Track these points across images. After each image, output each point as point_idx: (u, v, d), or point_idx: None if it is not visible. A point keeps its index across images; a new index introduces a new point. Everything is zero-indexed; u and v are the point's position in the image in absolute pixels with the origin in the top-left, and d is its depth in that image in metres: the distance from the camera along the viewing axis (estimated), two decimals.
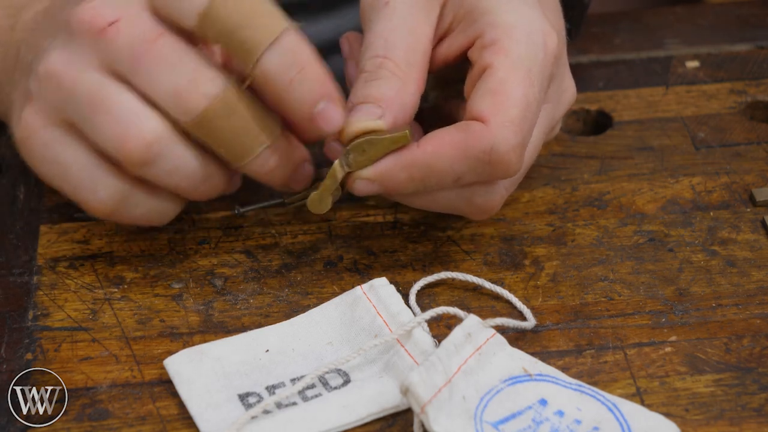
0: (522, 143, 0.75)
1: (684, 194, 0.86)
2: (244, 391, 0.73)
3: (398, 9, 0.79)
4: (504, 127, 0.74)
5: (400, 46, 0.77)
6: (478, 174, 0.75)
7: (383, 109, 0.76)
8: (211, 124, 0.73)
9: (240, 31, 0.73)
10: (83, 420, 0.72)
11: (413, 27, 0.78)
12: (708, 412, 0.71)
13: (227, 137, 0.74)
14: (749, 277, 0.79)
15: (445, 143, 0.75)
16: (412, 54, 0.78)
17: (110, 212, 0.76)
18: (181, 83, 0.72)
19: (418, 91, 0.77)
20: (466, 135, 0.74)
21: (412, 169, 0.75)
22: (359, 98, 0.77)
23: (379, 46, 0.78)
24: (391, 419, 0.72)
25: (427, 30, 0.79)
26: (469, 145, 0.74)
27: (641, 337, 0.76)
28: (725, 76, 0.95)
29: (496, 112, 0.74)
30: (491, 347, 0.72)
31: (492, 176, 0.75)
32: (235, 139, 0.74)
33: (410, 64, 0.77)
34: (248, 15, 0.73)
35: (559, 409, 0.71)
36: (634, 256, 0.81)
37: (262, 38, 0.73)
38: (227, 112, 0.73)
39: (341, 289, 0.79)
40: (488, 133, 0.74)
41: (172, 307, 0.78)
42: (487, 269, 0.81)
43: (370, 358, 0.74)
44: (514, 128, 0.74)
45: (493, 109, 0.74)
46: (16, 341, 0.76)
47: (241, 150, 0.75)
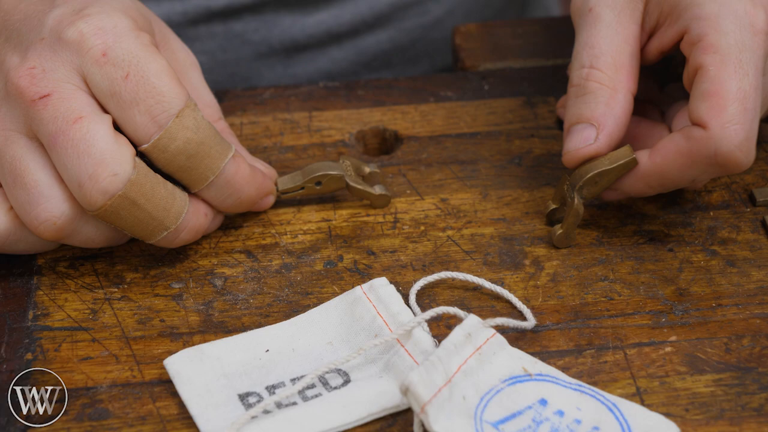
0: (747, 137, 0.76)
1: (684, 194, 0.86)
2: (244, 391, 0.73)
3: (602, 14, 0.80)
4: (724, 128, 0.75)
5: (606, 51, 0.79)
6: (710, 174, 0.78)
7: (596, 129, 0.78)
8: (111, 216, 0.75)
9: (180, 173, 0.77)
10: (83, 420, 0.72)
11: (618, 30, 0.80)
12: (708, 412, 0.71)
13: (129, 224, 0.76)
14: (749, 277, 0.79)
15: (671, 153, 0.77)
16: (619, 56, 0.79)
17: None
18: (83, 177, 0.74)
19: (629, 94, 0.79)
20: (690, 143, 0.76)
21: (648, 180, 0.78)
22: (572, 118, 0.80)
23: (584, 56, 0.80)
24: (391, 419, 0.72)
25: (634, 30, 0.80)
26: (693, 152, 0.76)
27: (641, 337, 0.76)
28: None
29: (714, 115, 0.75)
30: (491, 347, 0.72)
31: (725, 173, 0.77)
32: (137, 226, 0.76)
33: (618, 68, 0.79)
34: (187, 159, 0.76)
35: (559, 409, 0.71)
36: (634, 256, 0.81)
37: (199, 180, 0.77)
38: (128, 205, 0.75)
39: (341, 289, 0.79)
40: (710, 139, 0.75)
41: (172, 307, 0.78)
42: (487, 269, 0.81)
43: (370, 358, 0.74)
44: (735, 127, 0.75)
45: (710, 113, 0.76)
46: (16, 341, 0.76)
47: (146, 235, 0.77)
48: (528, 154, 0.88)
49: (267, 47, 1.06)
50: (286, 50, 1.06)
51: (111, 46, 0.75)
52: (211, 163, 0.77)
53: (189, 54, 0.84)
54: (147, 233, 0.77)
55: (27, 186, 0.75)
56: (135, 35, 0.76)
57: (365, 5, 1.06)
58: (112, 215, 0.75)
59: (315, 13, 1.05)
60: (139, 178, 0.74)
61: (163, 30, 0.82)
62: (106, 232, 0.78)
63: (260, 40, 1.05)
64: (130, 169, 0.74)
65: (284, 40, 1.06)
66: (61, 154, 0.74)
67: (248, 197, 0.80)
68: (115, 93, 0.75)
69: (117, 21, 0.76)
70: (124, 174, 0.74)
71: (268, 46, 1.06)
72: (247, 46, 1.06)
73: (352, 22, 1.06)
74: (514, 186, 0.86)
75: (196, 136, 0.76)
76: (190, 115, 0.75)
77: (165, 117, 0.75)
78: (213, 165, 0.77)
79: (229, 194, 0.79)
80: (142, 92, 0.75)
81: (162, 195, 0.76)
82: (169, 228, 0.77)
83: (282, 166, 0.87)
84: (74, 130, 0.74)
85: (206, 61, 1.04)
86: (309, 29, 1.06)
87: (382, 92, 0.94)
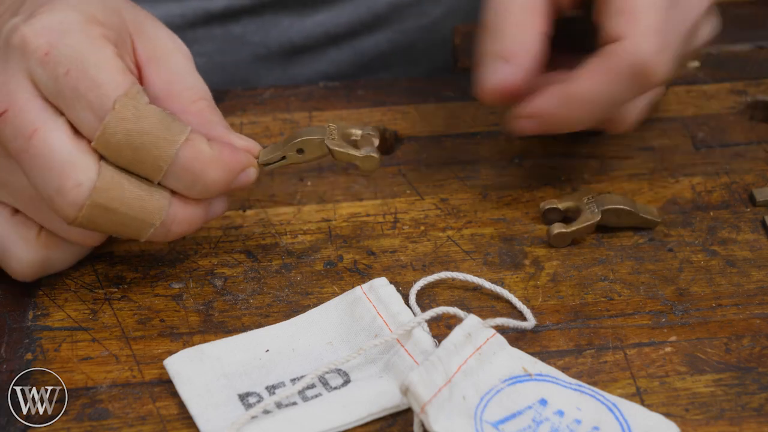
0: (664, 47, 0.76)
1: (684, 194, 0.86)
2: (244, 391, 0.73)
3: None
4: (642, 36, 0.76)
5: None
6: (632, 91, 0.77)
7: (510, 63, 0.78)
8: (90, 224, 0.73)
9: (132, 166, 0.73)
10: (83, 420, 0.72)
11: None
12: (708, 412, 0.71)
13: (112, 228, 0.74)
14: (749, 277, 0.79)
15: (595, 73, 0.76)
16: None
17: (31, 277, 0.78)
18: (51, 192, 0.72)
19: (541, 34, 0.79)
20: (608, 58, 0.76)
21: (571, 104, 0.77)
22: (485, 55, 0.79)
23: None
24: (391, 419, 0.72)
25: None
26: (615, 66, 0.76)
27: (641, 337, 0.76)
28: (725, 76, 0.95)
29: (630, 26, 0.76)
30: (491, 347, 0.72)
31: (646, 88, 0.77)
32: (120, 229, 0.74)
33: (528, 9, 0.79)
34: (133, 152, 0.73)
35: (559, 409, 0.71)
36: (634, 256, 0.81)
37: (153, 171, 0.73)
38: (101, 212, 0.73)
39: (341, 289, 0.79)
40: (629, 49, 0.76)
41: (172, 307, 0.78)
42: (487, 269, 0.81)
43: (370, 358, 0.74)
44: (652, 35, 0.76)
45: (626, 25, 0.76)
46: (16, 341, 0.76)
47: (132, 235, 0.75)
48: (528, 154, 0.88)
49: (265, 49, 1.06)
50: (284, 52, 1.06)
51: (54, 44, 0.72)
52: (161, 152, 0.73)
53: (172, 39, 0.80)
54: (133, 233, 0.75)
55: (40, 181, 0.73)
56: (82, 29, 0.73)
57: (364, 6, 1.06)
58: (90, 223, 0.73)
59: (313, 14, 1.05)
60: (104, 182, 0.72)
61: (138, 18, 0.79)
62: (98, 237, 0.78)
63: (258, 42, 1.05)
64: (93, 176, 0.72)
65: (282, 42, 1.06)
66: (28, 172, 0.73)
67: (215, 181, 0.75)
68: (60, 91, 0.72)
69: (64, 17, 0.73)
70: (89, 182, 0.72)
71: (267, 48, 1.06)
72: (246, 49, 1.05)
73: (351, 23, 1.06)
74: (514, 186, 0.86)
75: (136, 127, 0.72)
76: (128, 104, 0.72)
77: (103, 109, 0.72)
78: (163, 153, 0.73)
79: (192, 181, 0.74)
80: (82, 87, 0.72)
81: (135, 194, 0.73)
82: (153, 224, 0.74)
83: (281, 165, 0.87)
84: (32, 146, 0.72)
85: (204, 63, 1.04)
86: (307, 31, 1.06)
87: (382, 92, 0.94)
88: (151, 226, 0.74)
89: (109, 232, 0.75)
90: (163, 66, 0.78)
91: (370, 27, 1.07)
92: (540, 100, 0.78)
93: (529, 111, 0.79)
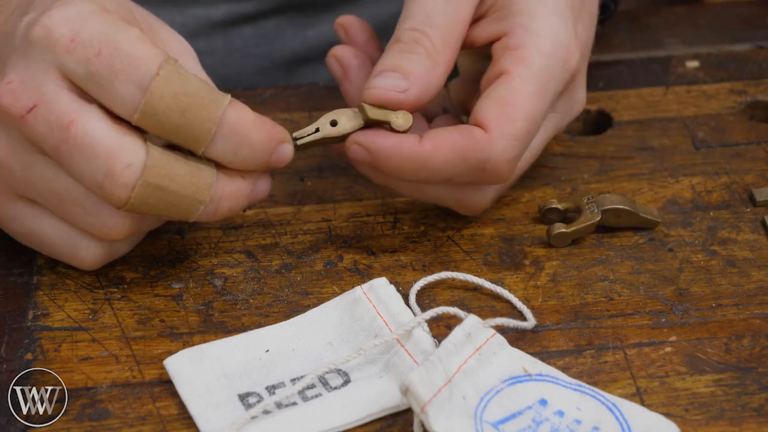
0: (519, 156, 0.76)
1: (684, 194, 0.86)
2: (244, 391, 0.73)
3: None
4: (505, 139, 0.75)
5: (439, 24, 0.78)
6: (469, 178, 0.77)
7: (410, 83, 0.76)
8: (141, 206, 0.73)
9: (179, 133, 0.73)
10: (83, 420, 0.72)
11: (456, 8, 0.79)
12: (708, 412, 0.71)
13: (163, 208, 0.74)
14: (749, 277, 0.79)
15: (445, 144, 0.75)
16: (450, 34, 0.78)
17: (96, 266, 0.79)
18: (99, 177, 0.72)
19: (447, 72, 0.78)
20: (467, 141, 0.75)
21: (407, 161, 0.75)
22: (389, 65, 0.77)
23: (419, 19, 0.78)
24: (391, 419, 0.72)
25: (468, 11, 0.79)
26: (467, 150, 0.75)
27: (641, 337, 0.76)
28: (725, 76, 0.95)
29: (501, 124, 0.75)
30: (491, 347, 0.72)
31: (483, 182, 0.77)
32: (171, 209, 0.74)
33: (446, 44, 0.78)
34: (181, 115, 0.72)
35: (559, 409, 0.71)
36: (634, 256, 0.81)
37: (201, 135, 0.73)
38: (153, 191, 0.73)
39: (341, 289, 0.79)
40: (488, 144, 0.75)
41: (172, 307, 0.78)
42: (487, 269, 0.81)
43: (370, 358, 0.74)
44: (515, 142, 0.76)
45: (498, 120, 0.76)
46: (16, 341, 0.76)
47: (183, 214, 0.75)
48: None
49: (268, 61, 1.05)
50: (287, 63, 1.06)
51: (78, 30, 0.72)
52: (209, 113, 0.73)
53: (181, 42, 0.81)
54: (183, 212, 0.74)
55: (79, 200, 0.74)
56: (102, 16, 0.73)
57: (367, 17, 1.06)
58: (142, 205, 0.73)
59: (316, 25, 1.05)
60: (154, 160, 0.72)
61: (149, 21, 0.80)
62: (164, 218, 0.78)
63: (261, 53, 1.05)
64: (142, 155, 0.72)
65: (285, 53, 1.06)
66: (71, 163, 0.72)
67: (261, 144, 0.74)
68: (93, 73, 0.72)
69: (81, 7, 0.73)
70: (138, 162, 0.72)
71: (269, 60, 1.05)
72: (248, 60, 1.05)
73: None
74: (514, 186, 0.86)
75: (183, 89, 0.72)
76: (172, 69, 0.72)
77: (146, 78, 0.72)
78: (211, 114, 0.73)
79: (238, 144, 0.74)
80: (118, 62, 0.72)
81: (185, 171, 0.73)
82: (203, 202, 0.74)
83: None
84: (72, 136, 0.72)
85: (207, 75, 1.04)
86: (310, 41, 1.05)
87: None
88: (201, 203, 0.74)
89: (159, 213, 0.74)
90: None
91: None
92: (384, 141, 0.76)
93: (368, 143, 0.76)
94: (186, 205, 0.74)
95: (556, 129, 0.83)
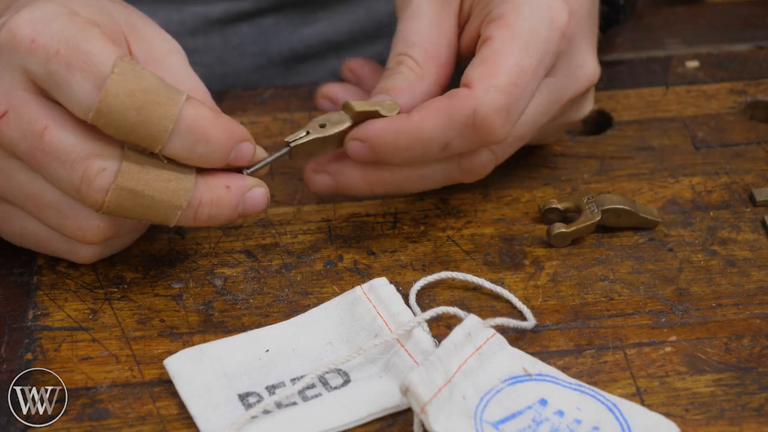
0: (508, 107, 0.76)
1: (684, 194, 0.86)
2: (244, 391, 0.73)
3: (421, 8, 0.81)
4: (488, 91, 0.75)
5: (420, 43, 0.80)
6: (464, 139, 0.76)
7: (394, 96, 0.79)
8: (117, 209, 0.73)
9: (136, 132, 0.72)
10: (83, 420, 0.72)
11: (435, 22, 0.81)
12: (708, 412, 0.71)
13: (140, 212, 0.74)
14: (749, 277, 0.79)
15: (432, 109, 0.76)
16: (433, 49, 0.80)
17: (95, 259, 0.79)
18: (75, 182, 0.72)
19: (436, 84, 0.80)
20: (452, 101, 0.76)
21: (400, 135, 0.76)
22: (378, 89, 0.80)
23: (400, 45, 0.81)
24: (391, 419, 0.72)
25: (450, 22, 0.81)
26: (453, 109, 0.75)
27: (641, 337, 0.76)
28: (725, 76, 0.95)
29: (483, 78, 0.76)
30: (491, 347, 0.72)
31: (478, 141, 0.77)
32: (148, 212, 0.74)
33: (430, 59, 0.80)
34: (137, 112, 0.72)
35: (559, 409, 0.71)
36: (634, 256, 0.81)
37: (158, 132, 0.73)
38: (128, 195, 0.73)
39: (341, 289, 0.79)
40: (471, 97, 0.75)
41: (172, 307, 0.78)
42: (487, 269, 0.81)
43: (370, 358, 0.74)
44: (499, 93, 0.75)
45: (480, 76, 0.76)
46: (16, 341, 0.76)
47: (161, 219, 0.75)
48: (528, 154, 0.88)
49: (265, 59, 1.05)
50: (284, 61, 1.06)
51: (40, 31, 0.72)
52: (166, 111, 0.72)
53: (167, 40, 0.81)
54: (161, 217, 0.74)
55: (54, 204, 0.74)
56: (66, 17, 0.73)
57: (364, 15, 1.06)
58: (118, 208, 0.73)
59: (314, 23, 1.05)
60: (128, 166, 0.73)
61: (131, 19, 0.79)
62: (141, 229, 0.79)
63: (258, 51, 1.05)
64: (116, 161, 0.73)
65: (283, 51, 1.06)
66: (47, 168, 0.73)
67: (219, 142, 0.74)
68: (51, 72, 0.72)
69: (45, 9, 0.73)
70: (113, 166, 0.72)
71: (267, 58, 1.05)
72: (246, 58, 1.05)
73: (352, 32, 1.06)
74: (514, 186, 0.86)
75: (138, 86, 0.72)
76: (127, 66, 0.72)
77: (101, 76, 0.71)
78: (168, 112, 0.72)
79: (195, 141, 0.73)
80: (74, 59, 0.71)
81: (162, 176, 0.74)
82: (180, 207, 0.74)
83: (282, 165, 0.87)
84: (46, 143, 0.72)
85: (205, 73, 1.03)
86: (308, 39, 1.05)
87: None
88: (178, 208, 0.74)
89: (137, 216, 0.74)
90: (161, 67, 0.78)
91: (370, 35, 1.07)
92: (375, 125, 0.77)
93: (362, 134, 0.77)
94: (163, 209, 0.74)
95: (559, 96, 0.82)
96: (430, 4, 0.81)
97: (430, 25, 0.81)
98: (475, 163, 0.79)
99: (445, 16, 0.81)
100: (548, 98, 0.81)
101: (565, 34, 0.79)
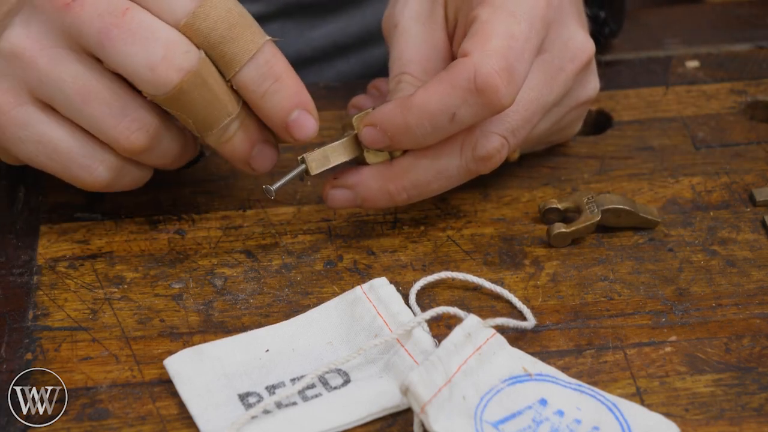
0: (508, 68, 0.76)
1: (684, 194, 0.86)
2: (244, 391, 0.73)
3: (408, 27, 0.82)
4: (485, 54, 0.76)
5: (414, 59, 0.81)
6: (470, 106, 0.76)
7: None
8: (184, 96, 0.75)
9: (221, 45, 0.75)
10: (83, 420, 0.72)
11: (424, 37, 0.82)
12: (708, 412, 0.71)
13: (197, 108, 0.75)
14: (749, 277, 0.79)
15: (433, 83, 0.76)
16: (428, 63, 0.81)
17: (104, 186, 0.79)
18: (155, 58, 0.73)
19: None
20: (451, 70, 0.76)
21: (408, 113, 0.77)
22: None
23: (396, 67, 0.82)
24: (391, 419, 0.72)
25: (441, 36, 0.82)
26: (453, 77, 0.76)
27: (641, 337, 0.76)
28: (725, 76, 0.96)
29: (478, 45, 0.76)
30: (491, 347, 0.72)
31: (484, 107, 0.76)
32: (204, 110, 0.76)
33: (427, 72, 0.81)
34: (229, 28, 0.75)
35: (559, 409, 0.71)
36: (634, 256, 0.81)
37: (241, 53, 0.75)
38: (199, 83, 0.75)
39: (341, 289, 0.79)
40: (469, 62, 0.76)
41: (172, 307, 0.78)
42: (487, 269, 0.81)
43: (370, 358, 0.74)
44: (496, 55, 0.76)
45: (474, 45, 0.76)
46: (16, 341, 0.76)
47: (210, 120, 0.76)
48: (528, 154, 0.88)
49: None
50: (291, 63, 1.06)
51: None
52: (253, 36, 0.76)
53: None
54: (212, 119, 0.76)
55: (106, 100, 0.75)
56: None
57: (372, 17, 1.06)
58: (184, 95, 0.75)
59: (321, 25, 1.05)
60: (206, 60, 0.75)
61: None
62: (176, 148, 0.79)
63: None
64: (196, 51, 0.75)
65: (289, 53, 1.05)
66: (121, 46, 0.73)
67: (287, 87, 0.77)
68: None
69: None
70: (195, 51, 0.74)
71: None
72: None
73: (359, 34, 1.06)
74: (514, 186, 0.86)
75: (237, 7, 0.75)
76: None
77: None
78: (255, 38, 0.76)
79: (268, 76, 0.76)
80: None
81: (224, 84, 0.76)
82: (231, 113, 0.76)
83: (282, 166, 0.87)
84: (128, 21, 0.73)
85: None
86: (315, 42, 1.05)
87: None
88: (229, 114, 0.76)
89: (191, 110, 0.76)
90: None
91: (378, 38, 1.07)
92: (382, 109, 0.78)
93: (371, 119, 0.78)
94: (217, 110, 0.76)
95: (556, 70, 0.81)
96: (415, 21, 0.82)
97: (420, 41, 0.81)
98: (489, 148, 0.79)
99: (432, 29, 0.82)
100: (546, 74, 0.81)
101: (550, 3, 0.79)
